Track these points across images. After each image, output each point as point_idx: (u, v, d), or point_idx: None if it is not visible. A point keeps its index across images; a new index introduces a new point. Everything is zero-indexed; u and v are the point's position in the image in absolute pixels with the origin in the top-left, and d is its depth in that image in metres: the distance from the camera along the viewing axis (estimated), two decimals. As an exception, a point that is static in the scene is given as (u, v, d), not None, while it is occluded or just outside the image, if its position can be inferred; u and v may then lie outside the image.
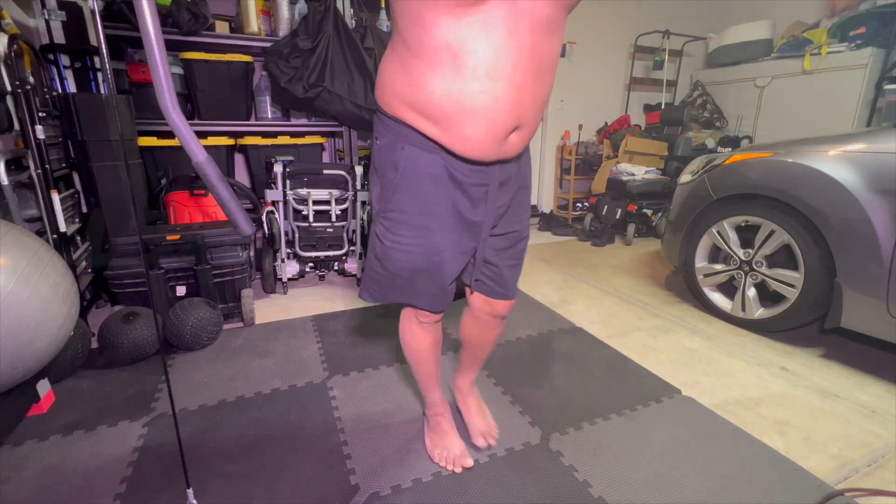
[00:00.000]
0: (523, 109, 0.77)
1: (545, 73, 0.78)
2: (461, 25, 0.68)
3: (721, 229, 1.97)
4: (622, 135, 3.57)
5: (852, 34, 3.15)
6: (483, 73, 0.71)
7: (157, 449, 1.20)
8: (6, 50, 1.44)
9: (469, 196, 0.86)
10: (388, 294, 0.96)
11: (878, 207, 1.46)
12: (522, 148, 0.86)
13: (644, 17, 4.01)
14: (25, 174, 1.57)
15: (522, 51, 0.71)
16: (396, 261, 0.90)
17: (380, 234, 0.90)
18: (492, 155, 0.81)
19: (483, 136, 0.77)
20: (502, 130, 0.77)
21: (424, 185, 0.83)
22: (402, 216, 0.86)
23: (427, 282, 0.93)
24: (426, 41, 0.71)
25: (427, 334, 1.08)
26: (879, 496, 1.07)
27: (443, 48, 0.70)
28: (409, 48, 0.73)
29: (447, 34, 0.69)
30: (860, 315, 1.55)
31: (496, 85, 0.72)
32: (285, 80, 2.27)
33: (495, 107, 0.74)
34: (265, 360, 1.64)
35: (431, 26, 0.69)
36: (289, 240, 2.27)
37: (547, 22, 0.73)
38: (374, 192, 0.90)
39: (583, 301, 2.25)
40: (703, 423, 1.32)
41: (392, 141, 0.83)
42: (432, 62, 0.72)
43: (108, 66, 0.74)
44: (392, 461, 1.17)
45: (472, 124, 0.75)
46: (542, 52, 0.75)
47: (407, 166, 0.82)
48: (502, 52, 0.70)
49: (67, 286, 1.19)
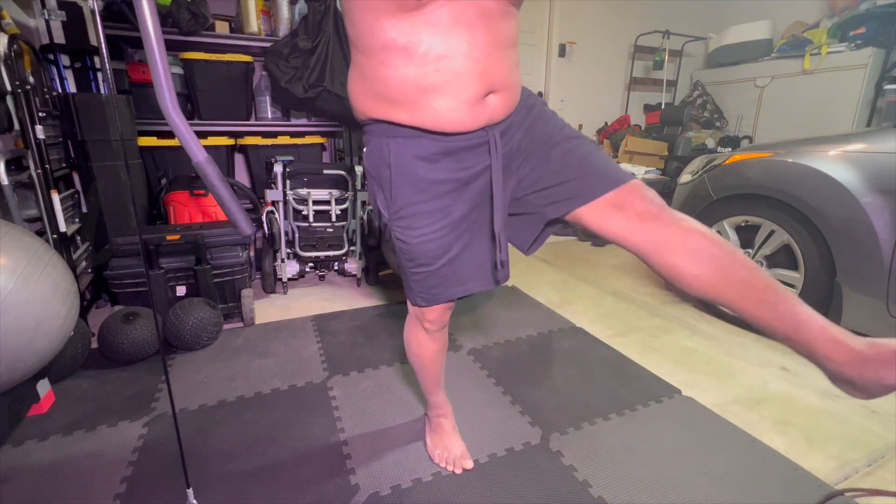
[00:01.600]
0: (491, 76, 0.74)
1: (506, 47, 0.76)
2: (404, 24, 0.69)
3: (721, 229, 1.97)
4: (622, 135, 3.57)
5: (852, 34, 3.16)
6: (435, 57, 0.70)
7: (157, 449, 1.20)
8: (6, 50, 1.44)
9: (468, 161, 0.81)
10: (438, 294, 0.91)
11: (878, 207, 1.46)
12: (511, 106, 0.81)
13: (644, 17, 4.01)
14: (25, 174, 1.57)
15: (474, 31, 0.71)
16: (430, 252, 0.85)
17: (401, 237, 0.86)
18: (472, 120, 0.76)
19: (453, 106, 0.73)
20: (473, 96, 0.74)
21: (421, 170, 0.80)
22: (413, 209, 0.83)
23: (467, 260, 0.89)
24: (374, 41, 0.72)
25: (433, 341, 1.05)
26: (879, 496, 1.07)
27: (391, 43, 0.71)
28: (361, 52, 0.76)
29: (392, 32, 0.70)
30: (860, 315, 1.55)
31: (453, 62, 0.71)
32: (285, 80, 2.27)
33: (457, 80, 0.72)
34: (265, 360, 1.64)
35: (378, 29, 0.71)
36: (289, 240, 2.27)
37: (497, 12, 0.72)
38: (379, 200, 0.86)
39: (583, 301, 2.25)
40: (703, 423, 1.32)
41: (376, 142, 0.83)
42: (382, 57, 0.72)
43: (108, 66, 0.74)
44: (392, 461, 1.17)
45: (437, 99, 0.73)
46: (497, 31, 0.73)
47: (398, 160, 0.81)
48: (452, 36, 0.70)
49: (67, 286, 1.19)
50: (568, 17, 3.78)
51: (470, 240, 0.87)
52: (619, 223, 0.80)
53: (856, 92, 3.12)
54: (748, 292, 0.73)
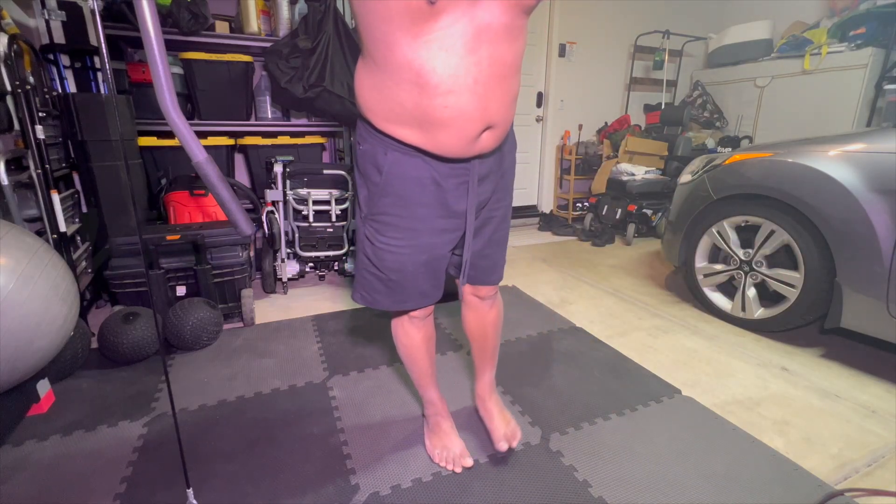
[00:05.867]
0: (490, 113, 0.81)
1: (509, 77, 0.81)
2: (420, 45, 0.71)
3: (721, 229, 1.97)
4: (622, 135, 3.57)
5: (852, 34, 3.15)
6: (445, 90, 0.74)
7: (157, 449, 1.20)
8: (6, 50, 1.44)
9: (451, 189, 0.90)
10: (378, 299, 0.99)
11: (878, 207, 1.46)
12: (498, 143, 0.89)
13: (644, 17, 4.01)
14: (25, 174, 1.57)
15: (481, 64, 0.75)
16: (387, 261, 0.94)
17: (370, 236, 0.94)
18: (466, 153, 0.85)
19: (454, 142, 0.81)
20: (472, 134, 0.82)
21: (409, 188, 0.87)
22: (390, 219, 0.90)
23: (417, 279, 0.97)
24: (389, 58, 0.74)
25: (418, 330, 1.09)
26: (879, 496, 1.07)
27: (405, 66, 0.73)
28: (376, 64, 0.77)
29: (408, 52, 0.72)
30: (860, 315, 1.54)
31: (459, 98, 0.75)
32: (285, 80, 2.27)
33: (461, 117, 0.78)
34: (265, 360, 1.64)
35: (393, 44, 0.72)
36: (289, 240, 2.27)
37: (505, 31, 0.75)
38: (362, 194, 0.93)
39: (583, 301, 2.25)
40: (703, 423, 1.32)
41: (374, 146, 0.87)
42: (397, 78, 0.75)
43: (108, 66, 0.74)
44: (392, 461, 1.17)
45: (442, 132, 0.79)
46: (502, 61, 0.78)
47: (391, 171, 0.86)
48: (461, 68, 0.73)
49: (67, 286, 1.19)
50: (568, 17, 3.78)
51: (427, 261, 0.96)
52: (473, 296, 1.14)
53: (856, 92, 3.12)
54: (485, 347, 1.20)
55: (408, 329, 1.09)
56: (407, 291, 0.98)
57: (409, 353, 1.12)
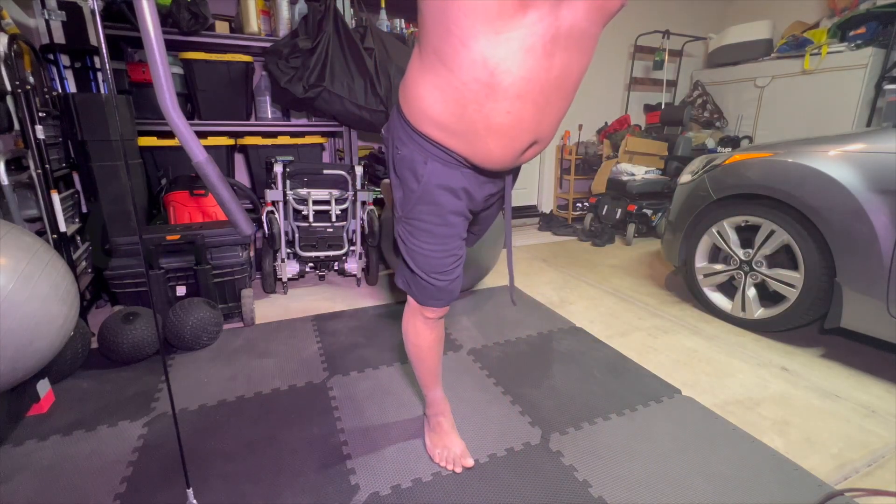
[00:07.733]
0: (542, 127, 0.79)
1: (570, 91, 0.79)
2: (500, 41, 0.66)
3: (721, 229, 1.97)
4: (622, 135, 3.57)
5: (852, 34, 3.15)
6: (514, 94, 0.71)
7: (157, 449, 1.20)
8: (6, 50, 1.44)
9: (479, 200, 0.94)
10: (413, 291, 1.03)
11: (878, 207, 1.46)
12: (536, 154, 0.88)
13: (644, 17, 4.00)
14: (25, 174, 1.57)
15: (552, 72, 0.71)
16: (418, 261, 0.97)
17: (403, 237, 0.97)
18: (508, 165, 0.85)
19: (503, 153, 0.80)
20: (521, 147, 0.80)
21: (445, 198, 0.88)
22: (425, 225, 0.92)
23: (442, 280, 0.99)
24: (462, 54, 0.68)
25: (431, 331, 1.09)
26: (879, 496, 1.07)
27: (480, 64, 0.68)
28: (441, 60, 0.71)
29: (486, 49, 0.66)
30: (860, 315, 1.54)
31: (523, 105, 0.73)
32: (285, 80, 2.27)
33: (518, 126, 0.75)
34: (265, 360, 1.64)
35: (469, 38, 0.66)
36: (289, 240, 2.27)
37: (581, 39, 0.72)
38: (396, 195, 0.94)
39: (583, 301, 2.25)
40: (703, 423, 1.32)
41: (415, 152, 0.84)
42: (466, 78, 0.70)
43: (108, 66, 0.74)
44: (392, 461, 1.17)
45: (495, 140, 0.77)
46: (570, 72, 0.75)
47: (430, 181, 0.86)
48: (534, 73, 0.69)
49: (67, 286, 1.19)
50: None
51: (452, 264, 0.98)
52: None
53: (856, 92, 3.12)
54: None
55: (420, 329, 1.09)
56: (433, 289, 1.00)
57: (418, 353, 1.12)
